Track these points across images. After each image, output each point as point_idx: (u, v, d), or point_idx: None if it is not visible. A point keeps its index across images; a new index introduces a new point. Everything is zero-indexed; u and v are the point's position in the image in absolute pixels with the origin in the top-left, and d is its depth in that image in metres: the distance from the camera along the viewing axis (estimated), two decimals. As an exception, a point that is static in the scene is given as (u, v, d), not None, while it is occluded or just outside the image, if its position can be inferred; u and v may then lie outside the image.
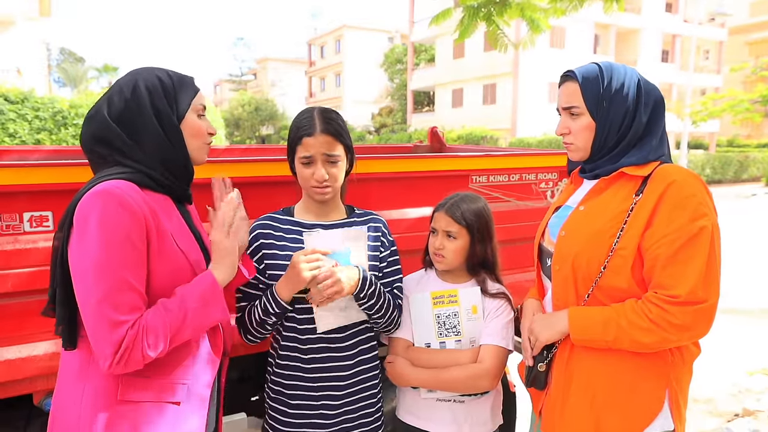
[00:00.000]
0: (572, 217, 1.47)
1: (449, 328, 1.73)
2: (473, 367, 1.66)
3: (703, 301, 1.26)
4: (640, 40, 30.67)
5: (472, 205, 1.74)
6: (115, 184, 1.19)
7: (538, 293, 1.64)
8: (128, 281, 1.18)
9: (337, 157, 1.56)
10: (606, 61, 1.45)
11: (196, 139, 1.37)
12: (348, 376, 1.63)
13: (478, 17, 4.32)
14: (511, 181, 2.57)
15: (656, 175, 1.35)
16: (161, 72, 1.34)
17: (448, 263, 1.74)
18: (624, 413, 1.36)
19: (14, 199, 1.66)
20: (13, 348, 1.69)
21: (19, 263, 1.64)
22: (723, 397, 4.08)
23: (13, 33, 20.57)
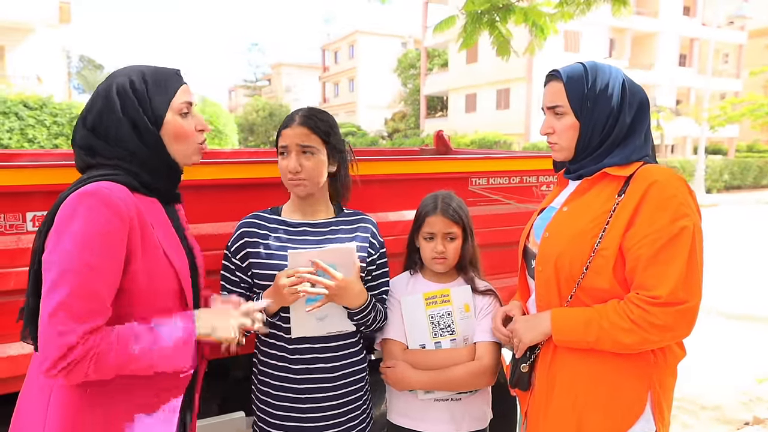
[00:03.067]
0: (556, 218, 1.47)
1: (444, 327, 1.74)
2: (474, 364, 1.67)
3: (684, 302, 1.25)
4: (657, 44, 30.33)
5: (455, 201, 1.77)
6: (104, 185, 1.17)
7: (521, 295, 1.64)
8: (94, 288, 1.12)
9: (311, 149, 1.56)
10: (591, 61, 1.45)
11: (180, 142, 1.31)
12: (333, 378, 1.62)
13: (481, 24, 4.30)
14: (511, 183, 2.57)
15: (638, 175, 1.34)
16: (136, 74, 1.27)
17: (449, 264, 1.75)
18: (606, 414, 1.36)
19: (17, 199, 1.70)
20: (15, 344, 1.73)
21: (22, 262, 1.68)
22: (733, 404, 4.02)
23: (34, 40, 21.00)
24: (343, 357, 1.63)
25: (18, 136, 12.51)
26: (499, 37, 4.41)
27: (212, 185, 1.94)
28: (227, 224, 1.90)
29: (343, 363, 1.64)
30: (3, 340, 1.73)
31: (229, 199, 1.95)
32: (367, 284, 1.66)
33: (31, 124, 12.64)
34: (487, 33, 4.49)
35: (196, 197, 1.86)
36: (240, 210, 1.79)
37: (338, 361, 1.63)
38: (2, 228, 1.69)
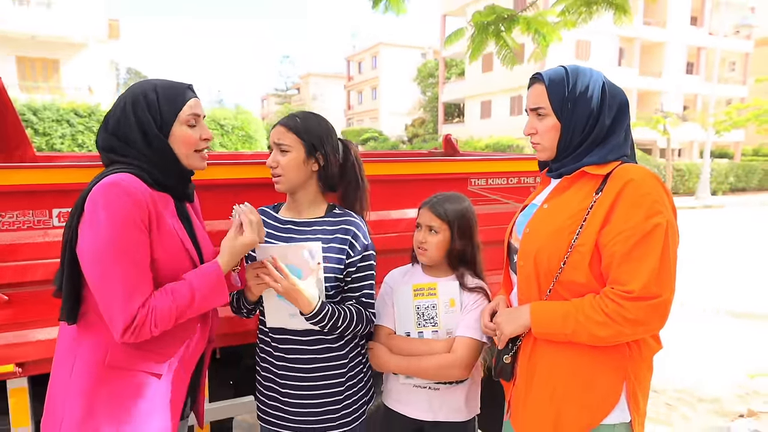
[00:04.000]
0: (536, 215, 1.44)
1: (427, 319, 1.72)
2: (445, 356, 1.64)
3: (656, 296, 1.21)
4: (665, 53, 29.68)
5: (456, 205, 1.73)
6: (120, 176, 1.25)
7: (505, 289, 1.61)
8: (138, 261, 1.23)
9: (285, 146, 1.55)
10: (572, 65, 1.42)
11: (185, 148, 1.37)
12: (310, 369, 1.58)
13: (488, 34, 4.24)
14: (509, 184, 2.53)
15: (615, 174, 1.31)
16: (149, 87, 1.35)
17: (429, 256, 1.73)
18: (582, 404, 1.32)
19: (44, 197, 1.74)
20: (44, 330, 1.77)
21: (48, 254, 1.72)
22: (730, 397, 3.91)
23: (86, 55, 21.53)
24: (320, 351, 1.58)
25: (69, 141, 12.85)
26: (505, 47, 4.33)
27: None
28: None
29: (321, 356, 1.58)
30: (34, 325, 1.77)
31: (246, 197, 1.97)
32: (346, 285, 1.59)
33: (80, 130, 12.97)
34: (494, 43, 4.43)
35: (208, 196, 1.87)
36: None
37: (315, 353, 1.57)
38: (31, 223, 1.73)
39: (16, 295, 1.72)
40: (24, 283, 1.72)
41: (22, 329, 1.75)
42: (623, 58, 29.21)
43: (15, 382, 1.81)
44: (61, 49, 21.07)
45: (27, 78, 20.66)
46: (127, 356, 1.29)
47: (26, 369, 1.76)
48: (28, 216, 1.73)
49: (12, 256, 1.69)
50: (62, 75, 21.31)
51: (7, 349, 1.71)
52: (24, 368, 1.75)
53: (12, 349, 1.72)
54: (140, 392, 1.30)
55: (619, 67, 27.94)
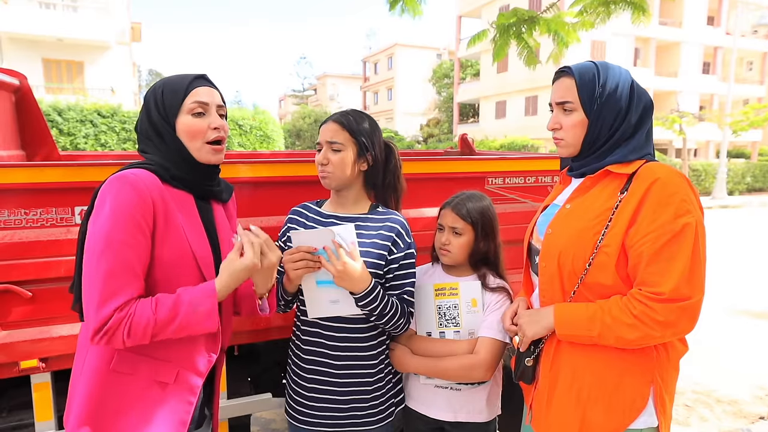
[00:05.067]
0: (559, 215, 1.39)
1: (449, 319, 1.68)
2: (468, 357, 1.60)
3: (687, 298, 1.16)
4: (681, 53, 29.15)
5: (477, 204, 1.69)
6: (132, 171, 1.22)
7: (525, 290, 1.56)
8: (129, 262, 1.16)
9: (338, 145, 1.53)
10: (602, 61, 1.36)
11: (193, 140, 1.30)
12: (338, 366, 1.57)
13: (510, 35, 4.21)
14: (527, 183, 2.48)
15: (641, 173, 1.26)
16: (158, 84, 1.33)
17: (453, 258, 1.69)
18: (609, 409, 1.27)
19: (66, 195, 1.74)
20: (66, 325, 1.77)
21: (71, 251, 1.71)
22: (748, 399, 3.81)
23: (109, 57, 21.81)
24: (348, 349, 1.56)
25: (93, 141, 13.03)
26: (526, 48, 4.30)
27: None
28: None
29: (348, 354, 1.56)
30: (57, 321, 1.77)
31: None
32: (388, 282, 1.58)
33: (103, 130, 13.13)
34: (515, 44, 4.40)
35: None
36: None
37: (343, 351, 1.56)
38: (54, 221, 1.73)
39: (39, 291, 1.73)
40: (47, 280, 1.72)
41: (46, 325, 1.75)
42: (639, 58, 28.76)
43: (39, 377, 1.82)
44: (86, 52, 21.38)
45: (52, 79, 21.00)
46: (133, 362, 1.24)
47: (49, 364, 1.77)
48: (51, 213, 1.73)
49: (36, 252, 1.69)
50: (86, 76, 21.63)
51: (30, 344, 1.72)
52: (47, 363, 1.76)
53: (36, 345, 1.72)
54: (144, 400, 1.25)
55: (634, 67, 27.50)
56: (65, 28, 20.16)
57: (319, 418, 1.59)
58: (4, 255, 1.65)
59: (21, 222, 1.69)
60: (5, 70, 2.57)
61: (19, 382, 1.90)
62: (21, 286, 1.69)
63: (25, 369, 1.73)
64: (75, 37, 20.49)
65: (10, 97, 2.66)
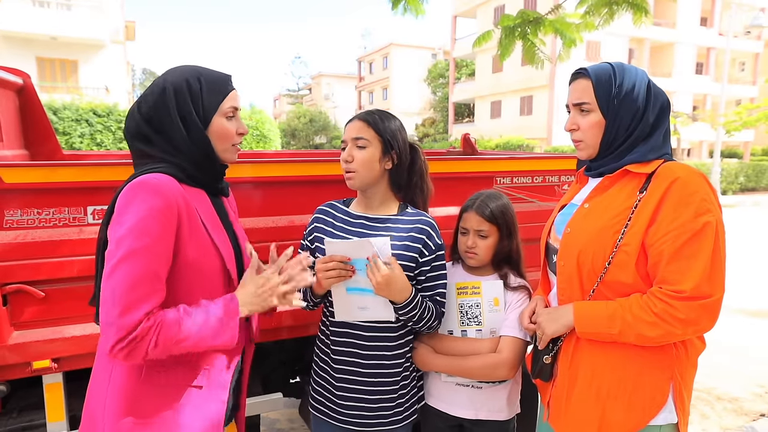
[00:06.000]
0: (577, 215, 1.40)
1: (471, 317, 1.68)
2: (491, 356, 1.61)
3: (708, 296, 1.18)
4: (675, 54, 29.35)
5: (499, 203, 1.70)
6: (153, 175, 1.18)
7: (543, 289, 1.57)
8: (153, 269, 1.13)
9: (363, 141, 1.52)
10: (618, 62, 1.37)
11: (222, 142, 1.30)
12: (366, 365, 1.57)
13: (515, 36, 4.25)
14: (534, 182, 2.49)
15: (660, 172, 1.27)
16: (192, 74, 1.26)
17: (480, 260, 1.70)
18: (629, 406, 1.29)
19: (79, 194, 1.73)
20: (79, 326, 1.76)
21: (83, 251, 1.71)
22: (749, 397, 3.84)
23: (103, 55, 21.68)
24: (378, 348, 1.57)
25: (88, 141, 12.95)
26: (531, 48, 4.34)
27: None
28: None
29: (377, 354, 1.57)
30: (69, 321, 1.76)
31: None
32: (420, 284, 1.58)
33: (99, 129, 13.06)
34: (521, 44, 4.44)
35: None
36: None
37: (372, 350, 1.57)
38: (67, 221, 1.72)
39: (52, 291, 1.72)
40: (60, 280, 1.71)
41: (58, 325, 1.74)
42: (633, 58, 28.90)
43: (51, 378, 1.81)
44: (80, 50, 21.23)
45: (46, 78, 20.85)
46: (166, 370, 1.21)
47: (62, 364, 1.76)
48: (64, 213, 1.72)
49: (48, 252, 1.68)
50: (80, 75, 21.48)
51: (43, 344, 1.71)
52: (59, 364, 1.75)
53: (48, 345, 1.71)
54: (181, 406, 1.23)
55: (628, 67, 27.61)
56: (59, 26, 20.01)
57: (347, 415, 1.59)
58: (16, 255, 1.64)
59: (34, 222, 1.68)
60: (9, 69, 2.56)
61: (29, 382, 1.89)
62: (34, 286, 1.68)
63: (37, 369, 1.72)
64: (69, 36, 20.35)
65: (14, 96, 2.64)
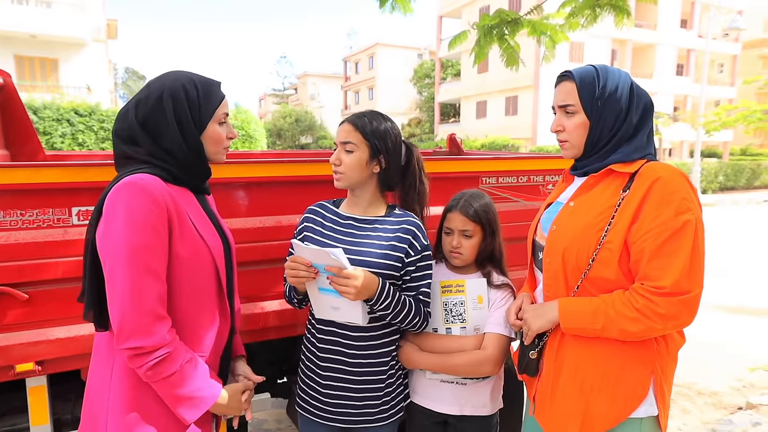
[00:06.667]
0: (563, 213, 1.43)
1: (455, 315, 1.71)
2: (476, 353, 1.63)
3: (687, 292, 1.21)
4: (656, 55, 29.82)
5: (482, 202, 1.73)
6: (139, 176, 1.20)
7: (529, 286, 1.60)
8: (154, 267, 1.17)
9: (351, 145, 1.54)
10: (602, 64, 1.41)
11: (215, 146, 1.36)
12: (352, 363, 1.59)
13: (492, 37, 4.22)
14: (519, 182, 2.52)
15: (643, 172, 1.30)
16: (188, 81, 1.30)
17: (464, 259, 1.72)
18: (612, 398, 1.32)
19: (64, 195, 1.71)
20: (63, 328, 1.75)
21: (68, 252, 1.69)
22: (728, 390, 3.94)
23: (85, 54, 21.35)
24: (363, 347, 1.58)
25: (70, 141, 12.76)
26: (508, 50, 4.31)
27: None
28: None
29: (363, 353, 1.58)
30: (53, 324, 1.74)
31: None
32: (405, 284, 1.60)
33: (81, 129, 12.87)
34: (497, 46, 4.41)
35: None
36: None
37: (358, 350, 1.58)
38: (51, 222, 1.70)
39: (36, 293, 1.70)
40: (44, 282, 1.70)
41: (42, 327, 1.72)
42: (616, 59, 29.30)
43: (34, 381, 1.79)
44: (61, 49, 20.89)
45: (25, 77, 20.47)
46: None
47: (46, 367, 1.74)
48: (48, 214, 1.70)
49: (32, 254, 1.66)
50: (61, 74, 21.13)
51: (26, 347, 1.68)
52: (43, 366, 1.73)
53: (31, 348, 1.69)
54: None
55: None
56: (38, 24, 19.66)
57: (333, 413, 1.61)
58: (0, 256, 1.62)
59: (17, 223, 1.66)
60: (-11, 68, 2.51)
61: (12, 385, 1.86)
62: (17, 288, 1.66)
63: (20, 372, 1.70)
64: (49, 34, 20.01)
65: (-5, 95, 2.59)
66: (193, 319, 1.29)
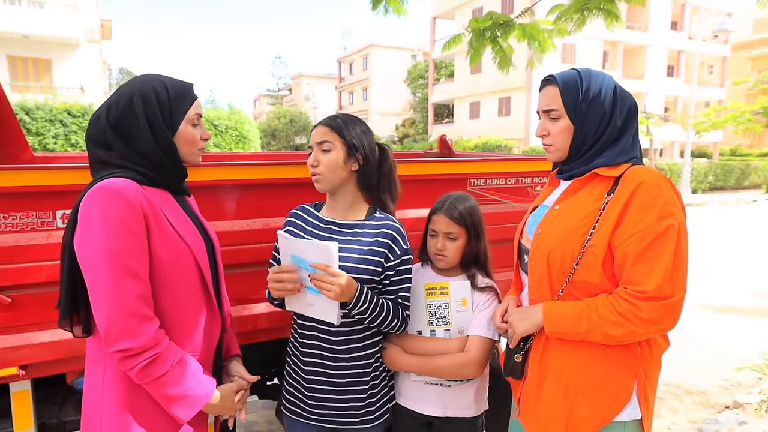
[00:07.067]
0: (548, 216, 1.43)
1: (439, 317, 1.70)
2: (460, 356, 1.63)
3: (669, 297, 1.21)
4: (647, 56, 29.98)
5: (467, 205, 1.72)
6: (113, 180, 1.19)
7: (515, 289, 1.60)
8: (134, 269, 1.17)
9: (327, 144, 1.54)
10: (585, 68, 1.40)
11: (189, 147, 1.35)
12: (335, 367, 1.58)
13: (485, 40, 4.24)
14: (507, 184, 2.52)
15: (627, 176, 1.30)
16: (159, 83, 1.30)
17: (449, 261, 1.72)
18: (595, 402, 1.31)
19: (48, 198, 1.69)
20: (47, 332, 1.72)
21: (52, 256, 1.67)
22: (716, 389, 3.96)
23: (78, 55, 21.21)
24: (347, 350, 1.57)
25: (62, 141, 12.66)
26: (500, 52, 4.33)
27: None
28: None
29: (346, 356, 1.57)
30: (37, 327, 1.72)
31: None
32: (384, 288, 1.59)
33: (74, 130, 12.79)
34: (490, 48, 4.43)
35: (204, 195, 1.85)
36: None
37: (341, 353, 1.57)
38: (35, 225, 1.68)
39: (19, 297, 1.67)
40: (27, 285, 1.67)
41: (26, 331, 1.70)
42: (607, 61, 29.45)
43: (18, 385, 1.77)
44: (54, 49, 20.74)
45: (18, 77, 20.32)
46: None
47: (29, 371, 1.71)
48: (31, 218, 1.68)
49: (16, 257, 1.64)
50: (54, 75, 20.98)
51: (10, 351, 1.66)
52: (27, 371, 1.71)
53: (15, 352, 1.67)
54: None
55: (603, 69, 28.10)
56: (31, 24, 19.51)
57: (318, 414, 1.60)
58: (-18, 260, 1.60)
59: (0, 226, 1.64)
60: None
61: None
62: (0, 292, 1.63)
63: (4, 377, 1.68)
64: (42, 34, 19.85)
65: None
66: (180, 319, 1.29)
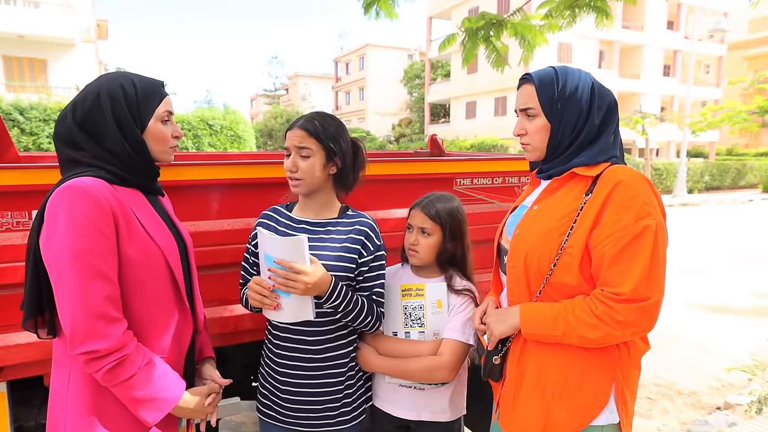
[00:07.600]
0: (526, 217, 1.40)
1: (414, 319, 1.68)
2: (431, 359, 1.60)
3: (646, 299, 1.18)
4: (643, 56, 30.01)
5: (447, 204, 1.70)
6: (80, 179, 1.17)
7: (495, 290, 1.57)
8: (101, 269, 1.14)
9: (307, 151, 1.51)
10: (562, 66, 1.38)
11: (160, 144, 1.32)
12: (310, 368, 1.56)
13: (478, 39, 4.24)
14: (494, 184, 2.50)
15: (605, 175, 1.27)
16: (126, 80, 1.27)
17: (421, 258, 1.69)
18: (572, 406, 1.29)
19: (23, 198, 1.66)
20: (23, 333, 1.69)
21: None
22: (707, 390, 3.94)
23: (74, 55, 21.15)
24: (320, 351, 1.55)
25: (57, 141, 12.59)
26: (494, 51, 4.34)
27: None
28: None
29: (320, 356, 1.55)
30: (13, 329, 1.69)
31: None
32: (358, 284, 1.58)
33: (68, 129, 12.69)
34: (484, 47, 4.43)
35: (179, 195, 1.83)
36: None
37: (314, 354, 1.55)
38: (9, 225, 1.66)
39: (-6, 298, 1.65)
40: (2, 286, 1.64)
41: (1, 333, 1.67)
42: (603, 60, 29.47)
43: (-7, 387, 1.74)
44: (50, 49, 20.67)
45: (14, 77, 20.24)
46: None
47: (5, 373, 1.69)
48: (6, 217, 1.65)
49: (-10, 258, 1.61)
50: (50, 75, 20.91)
51: (-15, 353, 1.64)
52: (3, 373, 1.68)
53: (-10, 354, 1.64)
54: None
55: (599, 69, 28.17)
56: (26, 24, 19.44)
57: (293, 417, 1.58)
58: (-45, 261, 1.57)
59: (-26, 227, 1.61)
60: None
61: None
62: (-26, 294, 1.61)
63: (-21, 379, 1.65)
64: (37, 34, 19.79)
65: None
66: (149, 320, 1.27)
